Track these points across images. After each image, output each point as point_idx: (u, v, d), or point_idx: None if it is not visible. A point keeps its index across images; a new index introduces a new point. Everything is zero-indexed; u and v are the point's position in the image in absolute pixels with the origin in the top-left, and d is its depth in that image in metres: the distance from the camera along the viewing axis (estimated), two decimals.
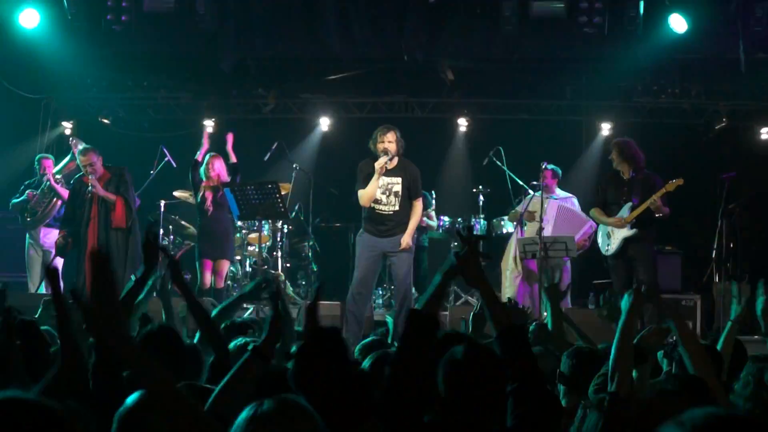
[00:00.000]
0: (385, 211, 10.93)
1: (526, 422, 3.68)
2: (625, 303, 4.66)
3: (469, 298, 13.80)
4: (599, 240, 12.04)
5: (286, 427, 2.89)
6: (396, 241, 10.83)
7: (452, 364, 3.72)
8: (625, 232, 11.55)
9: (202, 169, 12.78)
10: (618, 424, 3.96)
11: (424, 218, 13.52)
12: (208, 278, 12.67)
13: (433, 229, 14.36)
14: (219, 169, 12.78)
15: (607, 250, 11.78)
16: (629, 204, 11.59)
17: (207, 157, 12.87)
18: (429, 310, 3.83)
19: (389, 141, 10.82)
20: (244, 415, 2.94)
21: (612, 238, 11.71)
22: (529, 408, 3.70)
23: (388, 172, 10.89)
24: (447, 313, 11.75)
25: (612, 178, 11.95)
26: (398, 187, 10.91)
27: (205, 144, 13.15)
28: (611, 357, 4.51)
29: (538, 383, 3.83)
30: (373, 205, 10.94)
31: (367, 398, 3.54)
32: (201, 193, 12.74)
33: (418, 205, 11.05)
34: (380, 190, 10.90)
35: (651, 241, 11.76)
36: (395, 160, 10.92)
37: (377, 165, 10.76)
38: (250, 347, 3.79)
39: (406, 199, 10.93)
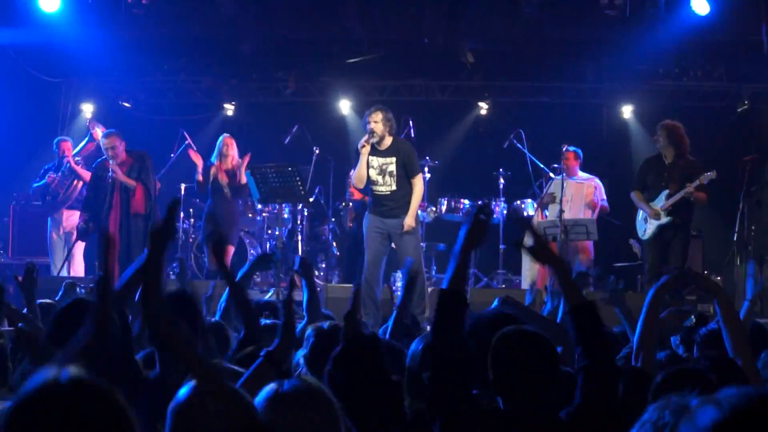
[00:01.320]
0: (383, 191, 10.98)
1: (596, 400, 3.64)
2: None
3: (489, 281, 13.80)
4: (637, 224, 11.97)
5: (305, 410, 2.90)
6: (399, 224, 10.86)
7: (497, 347, 3.70)
8: (663, 220, 11.51)
9: (215, 153, 12.71)
10: (639, 396, 3.94)
11: None
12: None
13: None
14: (235, 151, 12.72)
15: (644, 235, 11.75)
16: (666, 191, 11.49)
17: (221, 138, 12.81)
18: (455, 288, 3.79)
19: (374, 121, 10.88)
20: (264, 394, 2.95)
21: (648, 224, 11.67)
22: (599, 386, 3.66)
23: (382, 153, 10.95)
24: (468, 296, 11.71)
25: (654, 161, 11.86)
26: (392, 167, 10.94)
27: (198, 161, 12.97)
28: (636, 335, 4.51)
29: (609, 361, 3.79)
30: (371, 186, 11.03)
31: (399, 407, 3.54)
32: (214, 176, 12.66)
33: (418, 182, 11.06)
34: (375, 171, 10.96)
35: (687, 228, 11.69)
36: (388, 141, 10.96)
37: (359, 145, 10.85)
38: (263, 352, 3.79)
39: (403, 178, 10.95)
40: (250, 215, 14.28)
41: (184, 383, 2.85)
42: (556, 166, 12.85)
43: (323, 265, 14.71)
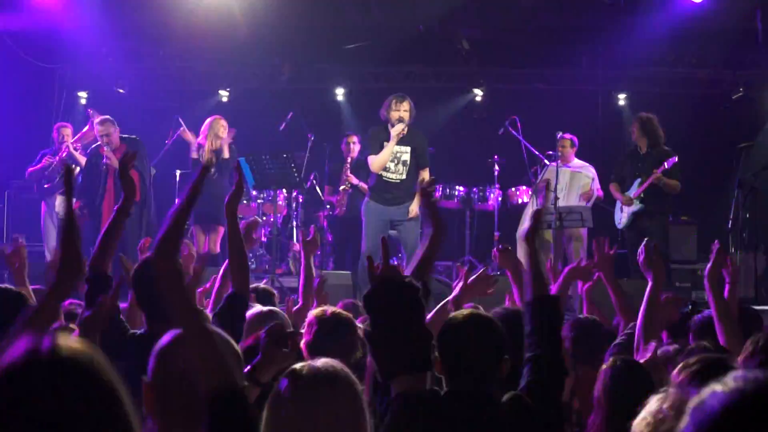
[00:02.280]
0: (393, 179, 10.98)
1: (539, 391, 3.67)
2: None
3: (483, 268, 13.81)
4: (615, 214, 12.19)
5: (325, 389, 2.92)
6: (403, 210, 10.91)
7: (445, 330, 3.74)
8: (633, 207, 11.74)
9: (208, 133, 12.61)
10: (626, 386, 3.97)
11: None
12: (203, 242, 12.60)
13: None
14: (226, 130, 12.67)
15: (619, 224, 11.96)
16: (639, 180, 11.74)
17: (216, 119, 12.71)
18: (420, 276, 3.82)
19: (404, 110, 10.87)
20: (284, 375, 2.97)
21: (623, 212, 11.91)
22: (545, 378, 3.70)
23: (399, 141, 10.92)
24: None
25: (630, 153, 12.16)
26: (407, 156, 10.96)
27: (191, 139, 12.93)
28: (639, 325, 4.53)
29: (560, 356, 3.82)
30: (381, 172, 11.00)
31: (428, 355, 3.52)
32: (200, 155, 12.62)
33: (426, 175, 11.06)
34: (389, 158, 10.96)
35: (662, 215, 11.86)
36: (406, 129, 10.94)
37: (394, 131, 10.80)
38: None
39: (414, 167, 10.98)
40: (244, 201, 14.27)
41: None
42: (551, 153, 12.87)
43: (318, 252, 14.71)
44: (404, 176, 10.96)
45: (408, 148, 10.96)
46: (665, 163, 11.60)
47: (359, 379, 3.19)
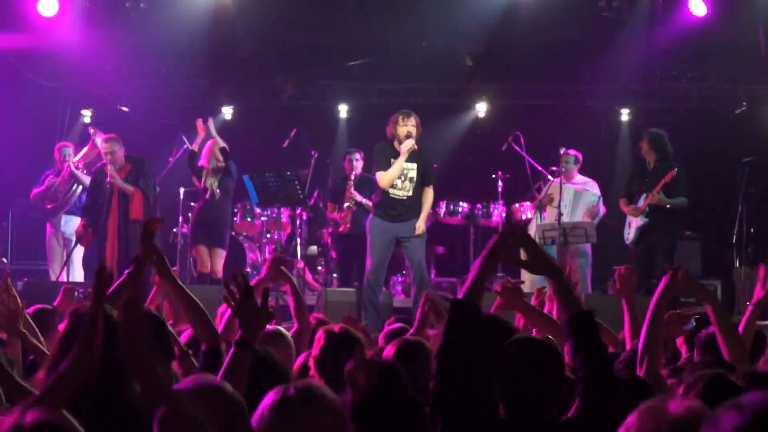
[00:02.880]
0: (399, 195, 10.97)
1: (596, 410, 3.60)
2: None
3: (487, 284, 13.79)
4: (624, 230, 12.18)
5: (311, 414, 2.92)
6: (409, 226, 10.89)
7: (504, 357, 3.69)
8: (639, 221, 11.72)
9: (210, 156, 12.65)
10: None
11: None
12: (207, 262, 12.62)
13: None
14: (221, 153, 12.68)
15: (627, 239, 11.93)
16: (644, 195, 11.73)
17: (207, 143, 12.76)
18: (471, 299, 3.75)
19: (412, 125, 10.87)
20: (270, 399, 2.96)
21: (631, 228, 11.87)
22: (599, 396, 3.62)
23: (406, 158, 10.91)
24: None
25: (639, 168, 12.12)
26: (413, 173, 10.95)
27: (201, 133, 13.00)
28: (641, 342, 4.51)
29: (608, 371, 3.76)
30: (388, 189, 10.98)
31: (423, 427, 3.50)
32: (204, 178, 12.67)
33: (430, 191, 11.14)
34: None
35: (669, 229, 11.80)
36: (415, 145, 10.95)
37: (404, 147, 10.80)
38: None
39: (420, 185, 10.99)
40: (248, 219, 14.27)
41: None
42: (554, 169, 12.87)
43: (321, 269, 14.70)
44: (411, 193, 10.96)
45: (415, 165, 10.95)
46: (664, 179, 11.59)
47: None
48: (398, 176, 10.89)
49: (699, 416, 2.34)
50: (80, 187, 13.19)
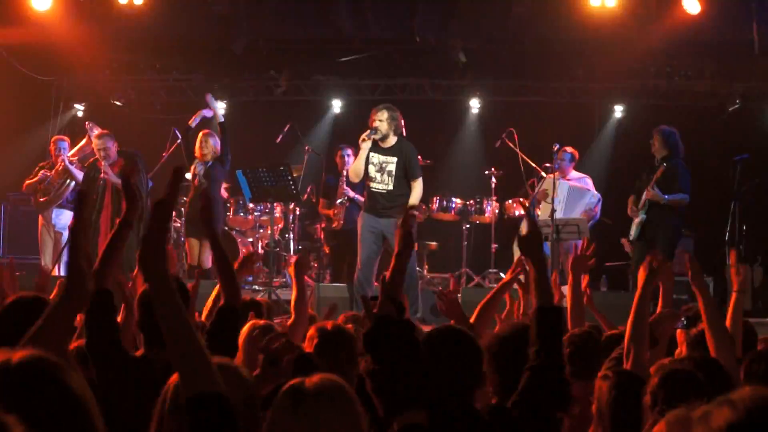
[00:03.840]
0: (379, 189, 11.00)
1: (530, 403, 3.67)
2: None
3: (480, 280, 13.82)
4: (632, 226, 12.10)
5: (327, 406, 2.92)
6: (392, 224, 10.80)
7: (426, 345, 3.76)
8: (639, 218, 11.69)
9: (195, 147, 12.62)
10: (629, 398, 3.96)
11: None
12: (197, 254, 12.59)
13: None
14: (214, 143, 12.62)
15: (631, 236, 11.89)
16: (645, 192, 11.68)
17: (199, 135, 12.71)
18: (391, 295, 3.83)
19: (378, 119, 10.91)
20: (286, 390, 2.96)
21: (634, 224, 11.83)
22: (544, 388, 3.69)
23: (384, 151, 10.96)
24: (459, 295, 11.73)
25: (648, 166, 12.00)
26: (392, 167, 10.94)
27: (203, 112, 12.91)
28: (626, 335, 4.52)
29: (561, 367, 3.80)
30: (369, 183, 11.05)
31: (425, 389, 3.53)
32: (194, 167, 12.63)
33: (417, 186, 11.06)
34: (375, 168, 10.99)
35: (669, 226, 11.73)
36: (392, 140, 10.97)
37: (360, 139, 10.90)
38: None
39: (402, 179, 10.96)
40: (241, 214, 14.26)
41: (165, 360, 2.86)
42: (548, 165, 12.87)
43: (315, 264, 14.70)
44: (390, 186, 10.95)
45: (394, 159, 10.94)
46: (658, 171, 11.55)
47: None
48: (377, 170, 10.92)
49: None
50: (73, 182, 13.16)
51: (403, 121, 11.19)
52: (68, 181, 13.24)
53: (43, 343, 2.61)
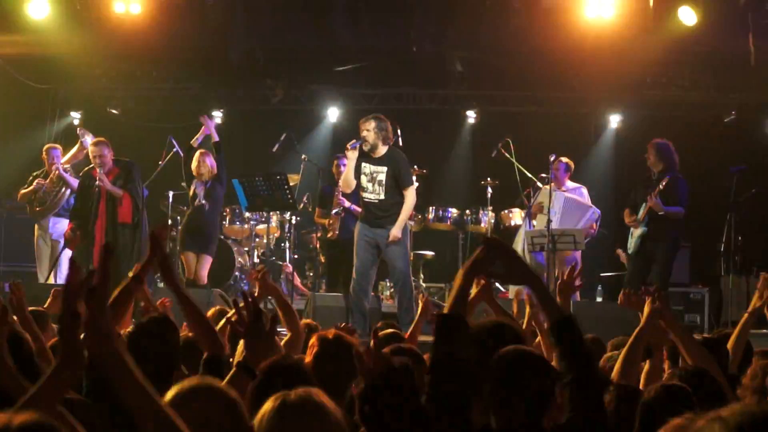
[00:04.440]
0: (371, 199, 10.99)
1: (584, 413, 3.62)
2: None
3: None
4: (628, 239, 12.09)
5: (310, 421, 2.92)
6: (386, 234, 10.83)
7: (495, 368, 3.70)
8: (639, 230, 11.67)
9: (192, 166, 12.69)
10: (629, 410, 3.97)
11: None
12: (192, 269, 12.59)
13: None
14: (210, 163, 12.68)
15: (629, 249, 11.88)
16: (644, 204, 11.66)
17: (196, 154, 12.75)
18: (456, 312, 3.76)
19: (366, 129, 10.91)
20: (269, 405, 2.96)
21: (632, 237, 11.82)
22: (586, 399, 3.64)
23: (374, 161, 10.95)
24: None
25: (644, 179, 12.00)
26: (383, 176, 10.93)
27: (205, 131, 12.95)
28: (623, 351, 4.54)
29: (593, 373, 3.78)
30: (361, 193, 11.07)
31: None
32: (194, 187, 12.68)
33: (409, 194, 11.00)
34: (366, 178, 10.98)
35: (668, 239, 11.72)
36: (382, 149, 10.96)
37: (346, 150, 10.93)
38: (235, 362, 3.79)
39: (393, 188, 10.93)
40: (237, 223, 14.26)
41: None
42: (544, 175, 12.87)
43: (311, 274, 14.70)
44: (382, 196, 10.93)
45: (384, 168, 10.93)
46: (660, 185, 11.54)
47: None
48: (368, 180, 10.93)
49: None
50: (68, 190, 13.16)
51: (398, 131, 11.20)
52: (63, 189, 13.23)
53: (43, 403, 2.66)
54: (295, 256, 14.41)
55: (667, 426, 2.63)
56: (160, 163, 13.65)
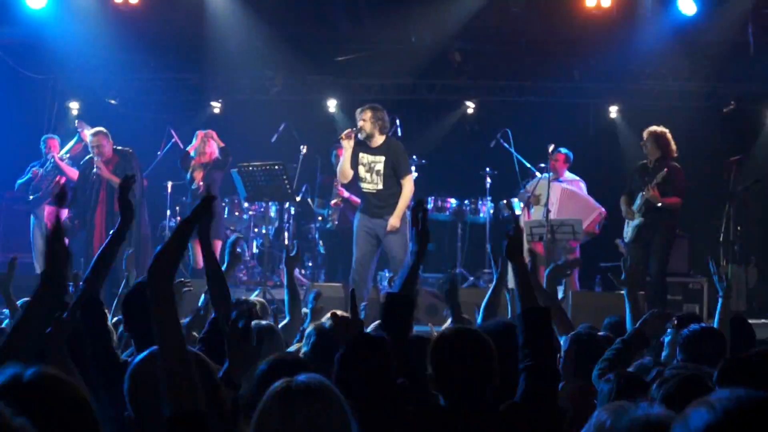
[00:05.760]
0: (369, 189, 11.02)
1: (535, 400, 3.80)
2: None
3: (475, 280, 13.81)
4: (624, 228, 12.05)
5: (315, 406, 2.92)
6: (383, 224, 10.86)
7: (435, 347, 3.87)
8: (636, 220, 11.63)
9: (196, 147, 12.69)
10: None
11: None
12: (201, 258, 12.58)
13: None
14: (213, 147, 12.70)
15: (626, 237, 11.85)
16: (642, 193, 11.60)
17: (200, 136, 12.75)
18: (405, 292, 4.02)
19: (362, 119, 10.93)
20: (274, 389, 2.96)
21: (628, 226, 11.78)
22: (540, 387, 3.82)
23: (372, 151, 10.97)
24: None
25: (640, 166, 11.94)
26: (380, 166, 10.94)
27: (200, 141, 12.97)
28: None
29: (553, 365, 3.99)
30: (360, 183, 11.09)
31: (403, 408, 3.57)
32: (191, 172, 12.67)
33: (407, 183, 11.03)
34: (364, 168, 11.01)
35: (665, 228, 11.67)
36: (379, 139, 10.98)
37: (341, 140, 10.98)
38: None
39: (391, 178, 10.95)
40: (236, 213, 14.25)
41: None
42: (542, 165, 12.86)
43: (310, 264, 14.69)
44: (380, 186, 10.94)
45: (382, 158, 10.94)
46: (658, 177, 11.51)
47: None
48: (366, 170, 10.94)
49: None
50: (64, 179, 13.14)
51: (396, 121, 11.17)
52: (58, 177, 13.23)
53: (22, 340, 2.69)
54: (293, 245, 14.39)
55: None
56: (158, 153, 13.67)
